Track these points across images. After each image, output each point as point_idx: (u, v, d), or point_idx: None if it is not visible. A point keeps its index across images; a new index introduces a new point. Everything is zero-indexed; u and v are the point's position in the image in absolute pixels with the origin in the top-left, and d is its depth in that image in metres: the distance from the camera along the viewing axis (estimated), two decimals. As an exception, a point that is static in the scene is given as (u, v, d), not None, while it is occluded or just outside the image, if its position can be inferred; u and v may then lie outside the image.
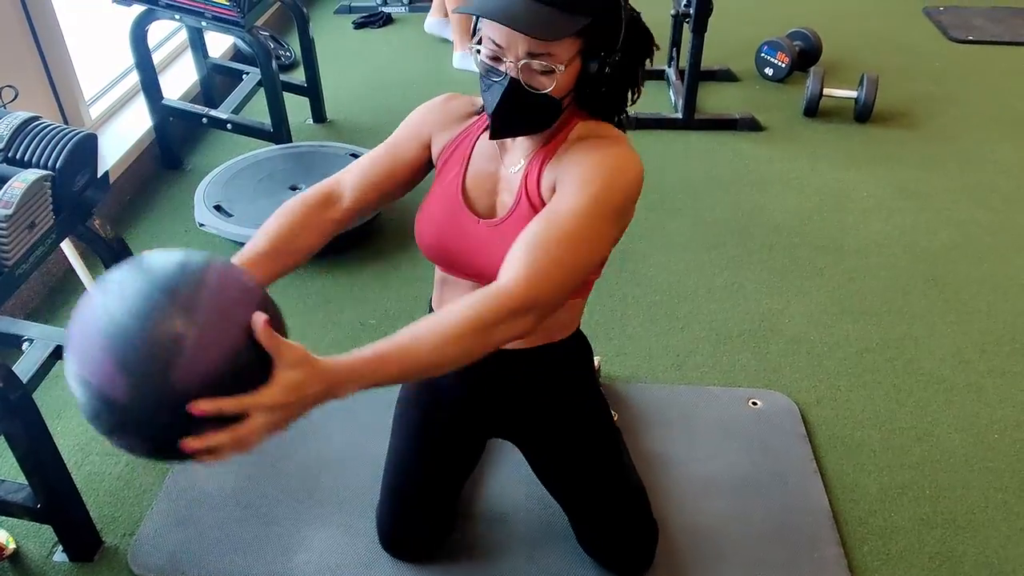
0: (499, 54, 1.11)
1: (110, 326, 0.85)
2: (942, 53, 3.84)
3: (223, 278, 0.91)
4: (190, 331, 0.84)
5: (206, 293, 0.88)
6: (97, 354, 0.85)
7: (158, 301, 0.86)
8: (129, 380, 0.84)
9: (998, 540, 1.65)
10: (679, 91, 3.23)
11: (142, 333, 0.84)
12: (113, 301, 0.87)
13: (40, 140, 1.53)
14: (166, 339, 0.84)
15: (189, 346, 0.84)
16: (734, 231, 2.60)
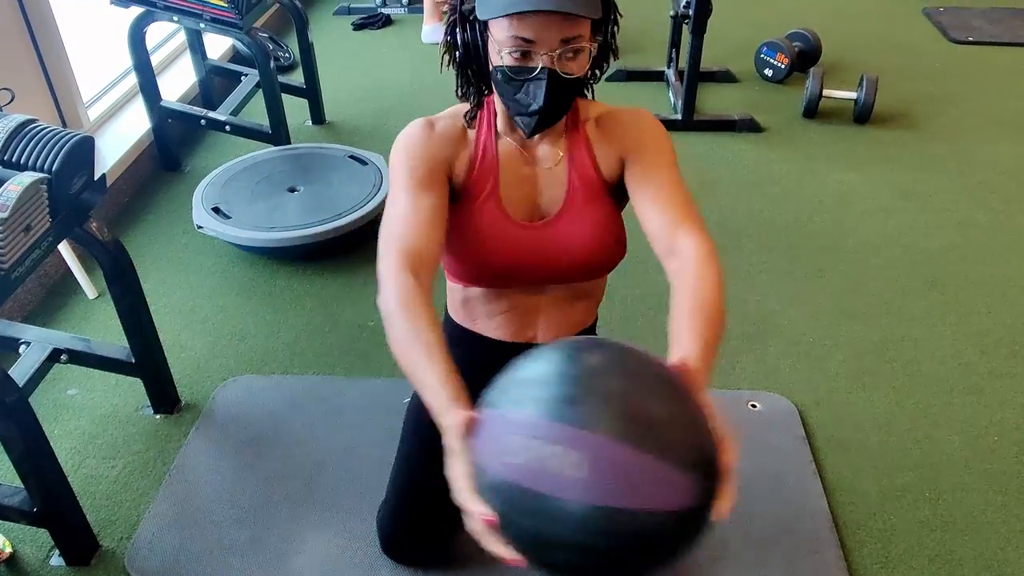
0: (530, 50, 1.10)
1: (666, 438, 0.73)
2: (942, 54, 3.83)
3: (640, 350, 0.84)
4: (690, 396, 0.79)
5: (652, 360, 0.82)
6: (656, 468, 0.70)
7: (671, 391, 0.77)
8: (697, 479, 0.72)
9: (997, 542, 1.64)
10: (678, 92, 3.22)
11: (689, 426, 0.75)
12: (627, 406, 0.74)
13: (36, 143, 1.53)
14: (705, 424, 0.77)
15: (699, 410, 0.78)
16: (733, 233, 2.60)
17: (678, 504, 0.71)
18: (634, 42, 3.90)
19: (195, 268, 2.48)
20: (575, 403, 0.73)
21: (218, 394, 2.01)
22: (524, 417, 0.75)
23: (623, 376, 0.76)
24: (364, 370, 2.09)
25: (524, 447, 0.73)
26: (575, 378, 0.76)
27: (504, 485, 0.75)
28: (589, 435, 0.71)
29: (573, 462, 0.70)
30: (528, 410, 0.75)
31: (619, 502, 0.70)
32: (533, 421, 0.74)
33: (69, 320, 2.27)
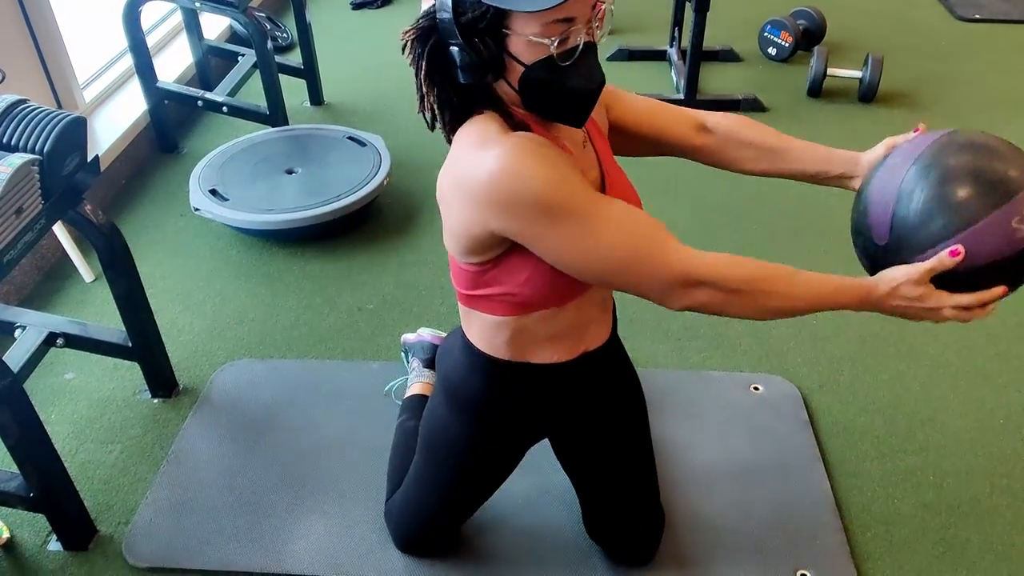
0: (569, 30, 1.01)
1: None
2: (948, 32, 3.78)
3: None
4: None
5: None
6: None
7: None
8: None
9: (1003, 526, 1.63)
10: (681, 71, 3.18)
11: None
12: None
13: (27, 123, 1.50)
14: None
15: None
16: (736, 215, 2.57)
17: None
18: (636, 21, 3.85)
19: (192, 251, 2.46)
20: (1015, 175, 1.10)
21: (216, 378, 1.99)
22: (999, 212, 1.07)
23: (974, 149, 1.16)
24: (362, 353, 2.07)
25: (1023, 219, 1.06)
26: (976, 171, 1.11)
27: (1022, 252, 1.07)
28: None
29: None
30: (991, 209, 1.07)
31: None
32: (1008, 209, 1.08)
33: (66, 304, 2.25)
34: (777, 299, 1.11)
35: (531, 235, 1.06)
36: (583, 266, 1.09)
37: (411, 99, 1.25)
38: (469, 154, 1.06)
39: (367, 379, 1.98)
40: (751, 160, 1.33)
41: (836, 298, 1.13)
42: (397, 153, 2.73)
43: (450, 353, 1.36)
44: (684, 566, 1.55)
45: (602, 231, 1.05)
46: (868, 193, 1.22)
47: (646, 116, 1.30)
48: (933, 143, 1.16)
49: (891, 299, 1.12)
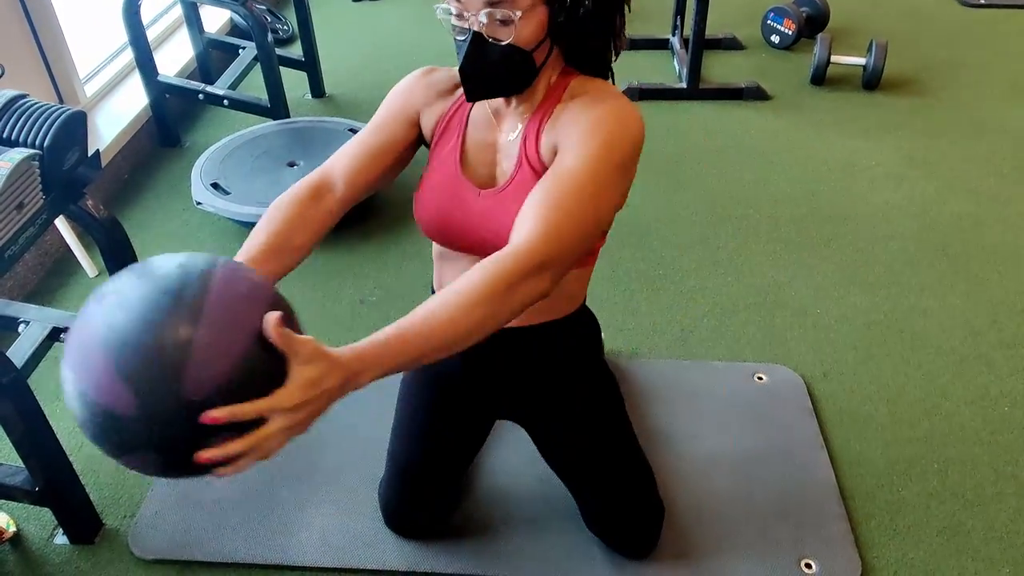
0: (460, 9, 1.07)
1: (110, 335, 0.79)
2: (953, 18, 3.75)
3: (229, 276, 0.85)
4: (198, 334, 0.79)
5: (213, 293, 0.82)
6: (98, 365, 0.78)
7: (160, 304, 0.80)
8: (135, 391, 0.77)
9: (1007, 514, 1.62)
10: (683, 60, 3.17)
11: (146, 339, 0.78)
12: (112, 309, 0.80)
13: (27, 118, 1.50)
14: (173, 344, 0.78)
15: (198, 350, 0.78)
16: (739, 202, 2.56)
17: (118, 408, 0.79)
18: (638, 9, 3.82)
19: (194, 244, 2.46)
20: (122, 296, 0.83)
21: (220, 371, 1.99)
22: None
23: (155, 295, 0.82)
24: (366, 346, 2.07)
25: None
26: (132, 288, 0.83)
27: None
28: (88, 332, 0.81)
29: (72, 350, 0.82)
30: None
31: (85, 388, 0.80)
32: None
33: (69, 299, 2.26)
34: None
35: None
36: None
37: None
38: None
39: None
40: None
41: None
42: (399, 145, 2.72)
43: None
44: (688, 555, 1.55)
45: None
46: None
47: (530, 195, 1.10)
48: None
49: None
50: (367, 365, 0.89)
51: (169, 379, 0.78)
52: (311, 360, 0.84)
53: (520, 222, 1.03)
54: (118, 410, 0.79)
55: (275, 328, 0.81)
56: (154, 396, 0.78)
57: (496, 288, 0.95)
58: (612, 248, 2.23)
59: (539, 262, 0.98)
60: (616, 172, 1.08)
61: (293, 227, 1.16)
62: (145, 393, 0.78)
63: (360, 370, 0.89)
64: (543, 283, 0.99)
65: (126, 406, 0.78)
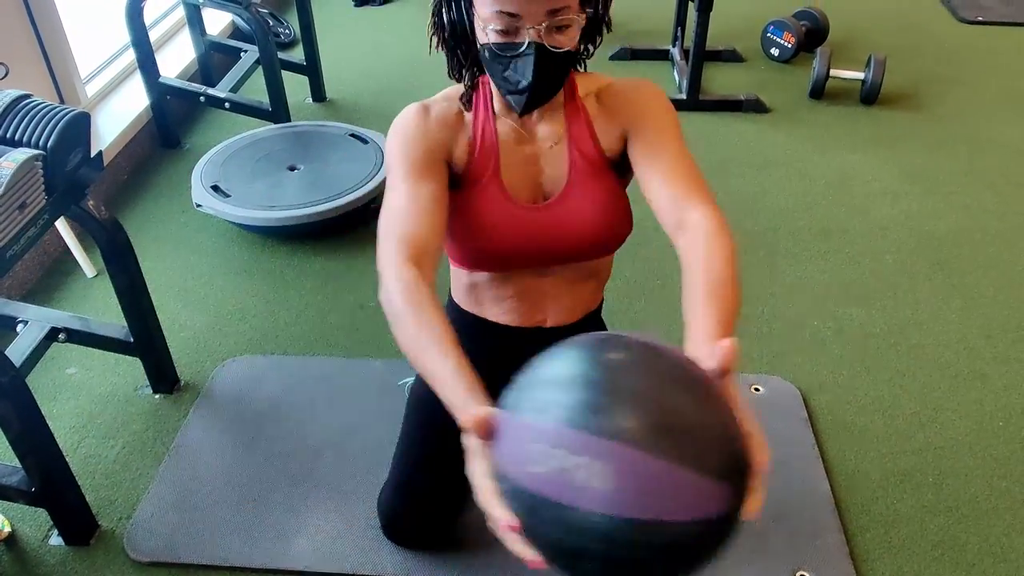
0: (515, 26, 1.07)
1: (686, 448, 0.68)
2: (951, 34, 3.78)
3: (662, 344, 0.78)
4: (719, 396, 0.73)
5: (679, 357, 0.76)
6: (684, 478, 0.67)
7: (677, 395, 0.71)
8: (731, 485, 0.69)
9: (1001, 528, 1.63)
10: (683, 71, 3.18)
11: (715, 431, 0.70)
12: (656, 423, 0.69)
13: (31, 119, 1.50)
14: (735, 427, 0.72)
15: (730, 412, 0.73)
16: (737, 213, 2.57)
17: (707, 512, 0.68)
18: (638, 20, 3.85)
19: (194, 247, 2.46)
20: (599, 410, 0.69)
21: (217, 374, 1.99)
22: (546, 425, 0.71)
23: (648, 378, 0.72)
24: (364, 350, 2.07)
25: (547, 456, 0.70)
26: (598, 382, 0.71)
27: (526, 494, 0.72)
28: (614, 445, 0.67)
29: (597, 473, 0.67)
30: (550, 417, 0.71)
31: (645, 514, 0.67)
32: (556, 429, 0.70)
33: (68, 299, 2.26)
34: (401, 343, 0.98)
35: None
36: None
37: (414, 96, 1.26)
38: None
39: (368, 377, 1.98)
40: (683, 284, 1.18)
41: (440, 387, 0.93)
42: (399, 151, 2.73)
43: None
44: (683, 565, 1.55)
45: (385, 200, 1.15)
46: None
47: (648, 174, 1.17)
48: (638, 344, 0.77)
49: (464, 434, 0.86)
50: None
51: (742, 454, 0.72)
52: (726, 377, 0.79)
53: (683, 202, 1.12)
54: (718, 512, 0.69)
55: (728, 356, 0.78)
56: (742, 477, 0.71)
57: (734, 255, 1.03)
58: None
59: (724, 221, 1.08)
60: (680, 126, 1.21)
61: (440, 307, 1.06)
62: (737, 480, 0.70)
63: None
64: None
65: (722, 505, 0.69)
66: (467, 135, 1.21)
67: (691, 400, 0.71)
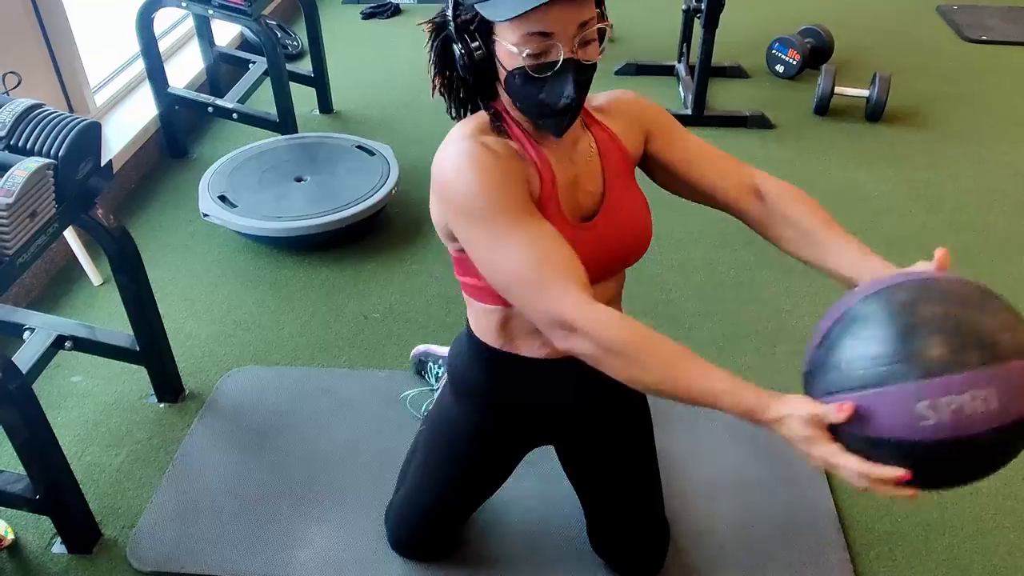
0: (547, 44, 1.05)
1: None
2: (956, 52, 3.80)
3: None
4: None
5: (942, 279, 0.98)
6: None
7: (977, 294, 0.93)
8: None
9: (1006, 548, 1.62)
10: (689, 87, 3.20)
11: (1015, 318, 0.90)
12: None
13: (43, 128, 1.51)
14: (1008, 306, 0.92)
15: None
16: (742, 230, 2.54)
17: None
18: (645, 36, 3.87)
19: (200, 256, 2.47)
20: (939, 352, 0.86)
21: (222, 384, 2.00)
22: (911, 384, 0.86)
23: (941, 304, 0.89)
24: (368, 362, 2.07)
25: (934, 407, 0.85)
26: (912, 328, 0.88)
27: (922, 446, 0.86)
28: (977, 372, 0.84)
29: (985, 398, 0.84)
30: (911, 375, 0.86)
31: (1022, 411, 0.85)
32: (924, 384, 0.85)
33: (74, 307, 2.26)
34: (651, 375, 1.00)
35: (457, 232, 1.13)
36: (487, 274, 1.12)
37: (420, 109, 1.27)
38: (443, 147, 1.15)
39: (372, 388, 1.98)
40: (793, 242, 1.21)
41: (720, 400, 0.98)
42: (406, 163, 2.74)
43: (457, 344, 1.42)
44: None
45: (505, 249, 1.07)
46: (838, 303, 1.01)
47: (689, 160, 1.25)
48: (916, 282, 0.96)
49: (778, 427, 0.96)
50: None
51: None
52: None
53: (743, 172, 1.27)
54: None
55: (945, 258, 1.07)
56: None
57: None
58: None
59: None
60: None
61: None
62: None
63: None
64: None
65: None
66: (530, 166, 1.16)
67: (986, 307, 0.89)
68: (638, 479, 1.48)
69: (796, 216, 1.20)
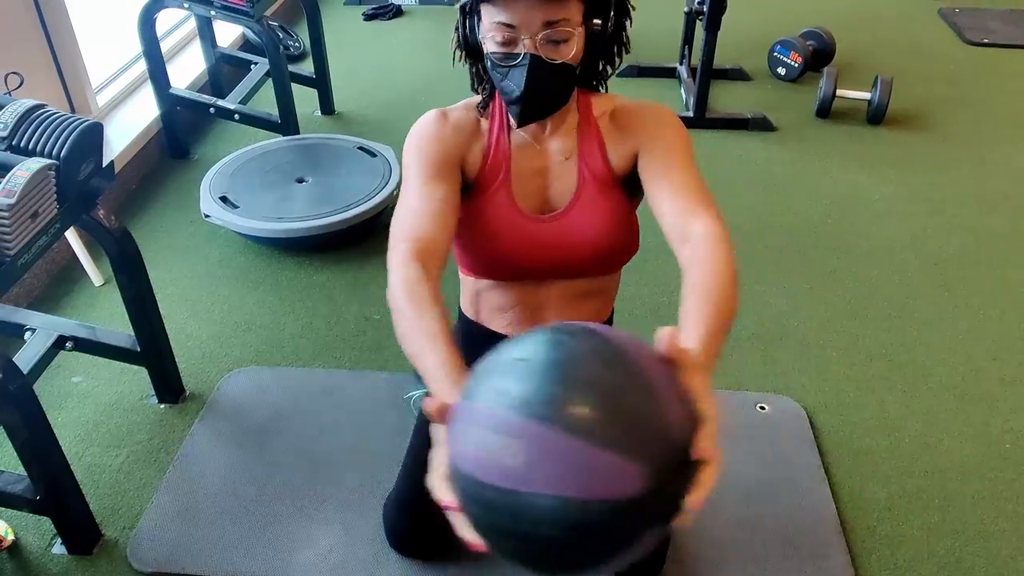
0: (512, 36, 1.10)
1: (586, 423, 0.70)
2: (957, 55, 3.80)
3: (613, 329, 0.82)
4: (655, 384, 0.74)
5: (629, 345, 0.78)
6: (596, 456, 0.69)
7: (615, 376, 0.73)
8: (644, 464, 0.69)
9: (1008, 551, 1.62)
10: (691, 89, 3.20)
11: (643, 408, 0.72)
12: (586, 395, 0.71)
13: (45, 128, 1.51)
14: (651, 403, 0.73)
15: (662, 399, 0.73)
16: (744, 232, 2.58)
17: (627, 492, 0.69)
18: (646, 38, 3.86)
19: (202, 257, 2.47)
20: (527, 395, 0.72)
21: (222, 384, 1.99)
22: (482, 407, 0.75)
23: (583, 365, 0.74)
24: (369, 363, 2.07)
25: (480, 438, 0.73)
26: (533, 368, 0.75)
27: (462, 475, 0.76)
28: (535, 426, 0.70)
29: (515, 452, 0.70)
30: (486, 400, 0.75)
31: (566, 491, 0.69)
32: (489, 411, 0.74)
33: (75, 307, 2.26)
34: (400, 334, 1.00)
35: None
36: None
37: (422, 111, 1.27)
38: None
39: (373, 389, 1.98)
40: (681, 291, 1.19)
41: (430, 380, 0.95)
42: (407, 164, 2.74)
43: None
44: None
45: (400, 200, 1.19)
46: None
47: (658, 195, 1.18)
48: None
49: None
50: (711, 359, 0.92)
51: (667, 436, 0.72)
52: (698, 368, 0.81)
53: (689, 215, 1.12)
54: (623, 494, 0.69)
55: (671, 343, 0.78)
56: (663, 459, 0.71)
57: (732, 265, 1.04)
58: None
59: (726, 235, 1.09)
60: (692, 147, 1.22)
61: (441, 303, 1.08)
62: (656, 461, 0.70)
63: (709, 366, 0.90)
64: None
65: (634, 485, 0.69)
66: (482, 143, 1.24)
67: (624, 385, 0.72)
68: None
69: (687, 278, 1.05)
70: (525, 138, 1.25)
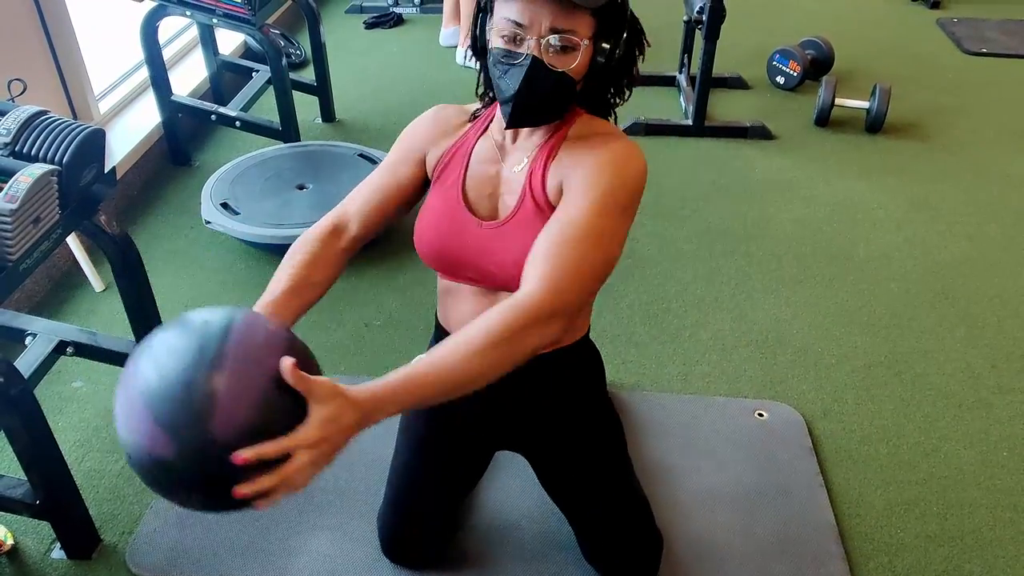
0: (519, 34, 1.10)
1: (147, 387, 0.88)
2: (955, 65, 3.82)
3: (247, 328, 0.93)
4: (222, 383, 0.87)
5: (231, 345, 0.90)
6: (141, 415, 0.88)
7: (187, 358, 0.88)
8: (173, 438, 0.86)
9: (1005, 559, 1.62)
10: (690, 97, 3.21)
11: (177, 391, 0.87)
12: (148, 363, 0.90)
13: (47, 134, 1.52)
14: (200, 395, 0.87)
15: (223, 398, 0.86)
16: (743, 240, 2.58)
17: (163, 454, 0.86)
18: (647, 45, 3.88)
19: (202, 263, 2.48)
20: (140, 371, 0.90)
21: (223, 390, 2.00)
22: (129, 376, 0.92)
23: (176, 356, 0.89)
24: (369, 370, 2.08)
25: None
26: (148, 347, 0.92)
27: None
28: (137, 397, 0.88)
29: (125, 412, 0.89)
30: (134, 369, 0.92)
31: (140, 441, 0.88)
32: (132, 375, 0.91)
33: (76, 312, 2.27)
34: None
35: None
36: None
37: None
38: None
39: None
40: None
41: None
42: (407, 171, 2.75)
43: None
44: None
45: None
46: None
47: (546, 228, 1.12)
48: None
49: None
50: (381, 405, 0.96)
51: (200, 425, 0.86)
52: (327, 399, 0.91)
53: (529, 270, 1.07)
54: (160, 454, 0.87)
55: (291, 371, 0.88)
56: (189, 440, 0.86)
57: (506, 335, 1.00)
58: (615, 281, 2.25)
59: (548, 311, 1.03)
60: (620, 216, 1.13)
61: (312, 266, 1.25)
62: (181, 438, 0.86)
63: (374, 409, 0.95)
64: (552, 329, 1.04)
65: (166, 450, 0.86)
66: (451, 140, 1.29)
67: (191, 381, 0.87)
68: (604, 489, 1.48)
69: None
70: (490, 143, 1.25)
